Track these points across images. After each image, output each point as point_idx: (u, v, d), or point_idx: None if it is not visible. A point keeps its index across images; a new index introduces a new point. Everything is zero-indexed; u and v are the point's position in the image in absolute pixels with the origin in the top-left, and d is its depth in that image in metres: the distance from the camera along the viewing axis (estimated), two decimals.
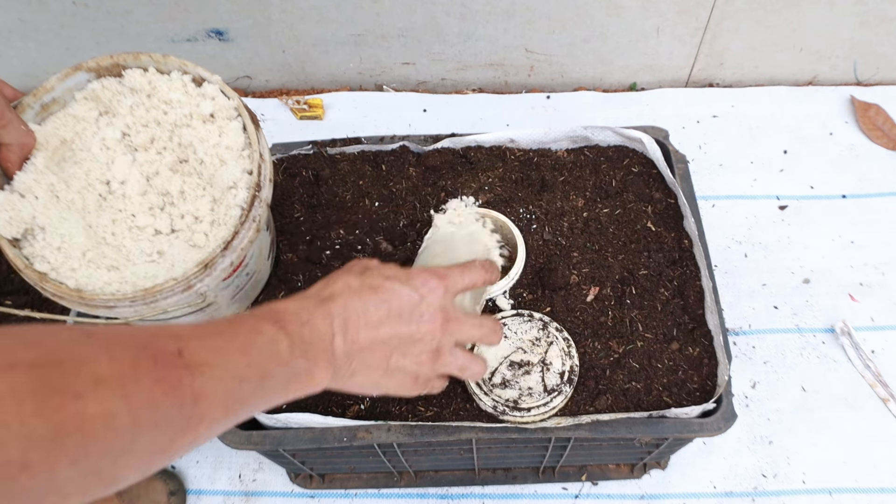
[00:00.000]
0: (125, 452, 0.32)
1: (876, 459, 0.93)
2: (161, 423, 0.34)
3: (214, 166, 0.61)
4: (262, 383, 0.41)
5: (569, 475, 0.92)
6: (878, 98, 1.26)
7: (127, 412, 0.32)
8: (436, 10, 1.17)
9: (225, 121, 0.62)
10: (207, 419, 0.37)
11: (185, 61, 0.63)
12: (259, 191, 0.60)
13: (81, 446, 0.30)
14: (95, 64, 0.62)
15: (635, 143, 0.81)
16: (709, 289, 0.70)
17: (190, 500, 0.94)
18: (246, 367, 0.40)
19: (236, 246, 0.58)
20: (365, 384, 0.50)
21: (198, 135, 0.62)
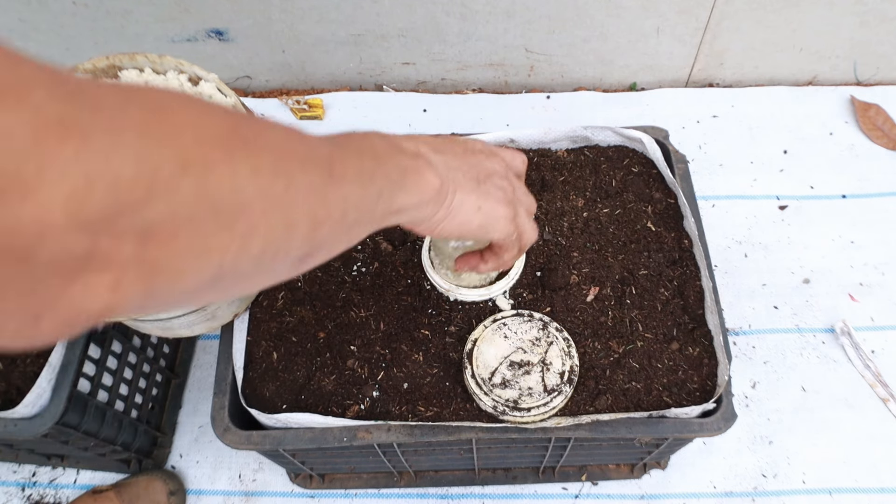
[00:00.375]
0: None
1: (876, 459, 0.93)
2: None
3: None
4: (381, 164, 0.40)
5: (569, 475, 0.92)
6: (878, 98, 1.26)
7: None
8: (436, 10, 1.17)
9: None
10: (348, 180, 0.35)
11: (181, 60, 0.63)
12: None
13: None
14: (91, 65, 0.62)
15: (635, 143, 0.81)
16: (709, 289, 0.70)
17: (190, 500, 0.94)
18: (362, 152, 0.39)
19: None
20: (466, 202, 0.47)
21: None
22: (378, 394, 0.67)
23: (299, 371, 0.69)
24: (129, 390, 0.89)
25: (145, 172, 0.22)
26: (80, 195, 0.20)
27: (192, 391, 1.03)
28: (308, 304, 0.72)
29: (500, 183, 0.50)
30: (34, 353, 0.76)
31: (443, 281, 0.70)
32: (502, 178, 0.51)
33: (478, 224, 0.48)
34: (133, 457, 0.94)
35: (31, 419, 0.72)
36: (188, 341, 1.06)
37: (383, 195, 0.39)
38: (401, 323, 0.70)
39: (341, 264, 0.74)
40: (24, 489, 0.97)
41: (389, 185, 0.40)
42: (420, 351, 0.69)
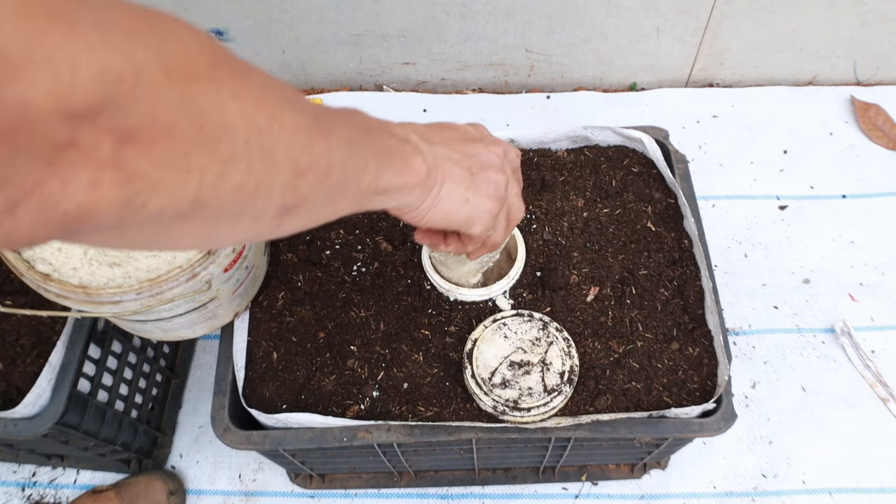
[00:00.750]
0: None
1: (876, 459, 0.93)
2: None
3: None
4: (369, 135, 0.41)
5: (569, 475, 0.92)
6: (878, 98, 1.26)
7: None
8: (436, 10, 1.17)
9: None
10: (334, 136, 0.36)
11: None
12: None
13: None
14: None
15: (635, 143, 0.81)
16: (709, 289, 0.70)
17: (190, 500, 0.94)
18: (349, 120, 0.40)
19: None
20: (454, 193, 0.47)
21: None
22: (378, 394, 0.67)
23: (299, 371, 0.69)
24: (129, 390, 0.89)
25: (130, 70, 0.22)
26: (66, 82, 0.20)
27: (192, 391, 1.03)
28: (308, 304, 0.72)
29: (495, 177, 0.50)
30: (34, 353, 0.76)
31: (443, 281, 0.70)
32: (498, 171, 0.50)
33: (465, 216, 0.48)
34: (133, 457, 0.94)
35: (31, 419, 0.72)
36: (188, 341, 1.06)
37: (369, 167, 0.39)
38: (401, 323, 0.70)
39: (341, 264, 0.74)
40: (24, 489, 0.97)
41: (376, 159, 0.40)
42: (420, 351, 0.69)
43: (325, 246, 0.76)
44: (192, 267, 0.58)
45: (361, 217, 0.78)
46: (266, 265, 0.74)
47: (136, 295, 0.57)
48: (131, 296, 0.57)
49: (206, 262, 0.58)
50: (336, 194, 0.36)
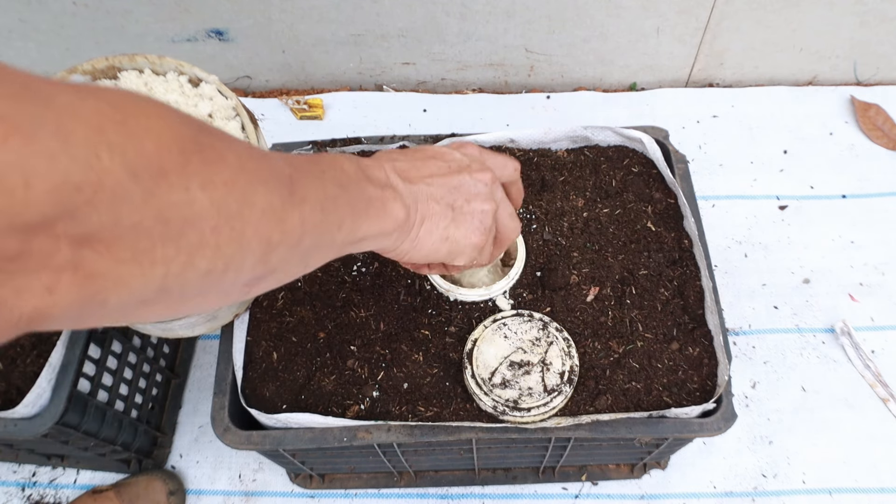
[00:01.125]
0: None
1: (876, 459, 0.93)
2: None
3: None
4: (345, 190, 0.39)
5: (569, 475, 0.92)
6: (878, 98, 1.26)
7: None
8: (436, 10, 1.17)
9: (223, 121, 0.62)
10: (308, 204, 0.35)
11: (181, 62, 0.63)
12: None
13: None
14: (91, 66, 0.62)
15: (635, 143, 0.81)
16: (709, 289, 0.70)
17: (190, 500, 0.94)
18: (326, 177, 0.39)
19: None
20: (434, 232, 0.46)
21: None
22: (378, 394, 0.67)
23: (299, 371, 0.69)
24: (129, 390, 0.89)
25: (92, 177, 0.21)
26: (19, 198, 0.19)
27: (192, 391, 1.03)
28: (308, 304, 0.72)
29: (481, 207, 0.48)
30: (34, 353, 0.76)
31: (443, 281, 0.70)
32: (484, 201, 0.49)
33: (445, 252, 0.48)
34: (133, 457, 0.94)
35: (31, 419, 0.72)
36: (188, 341, 1.06)
37: (345, 224, 0.38)
38: (401, 323, 0.70)
39: (341, 264, 0.74)
40: (24, 489, 0.97)
41: (352, 215, 0.39)
42: (420, 351, 0.69)
43: None
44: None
45: None
46: None
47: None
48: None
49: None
50: (309, 255, 0.36)
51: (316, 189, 0.36)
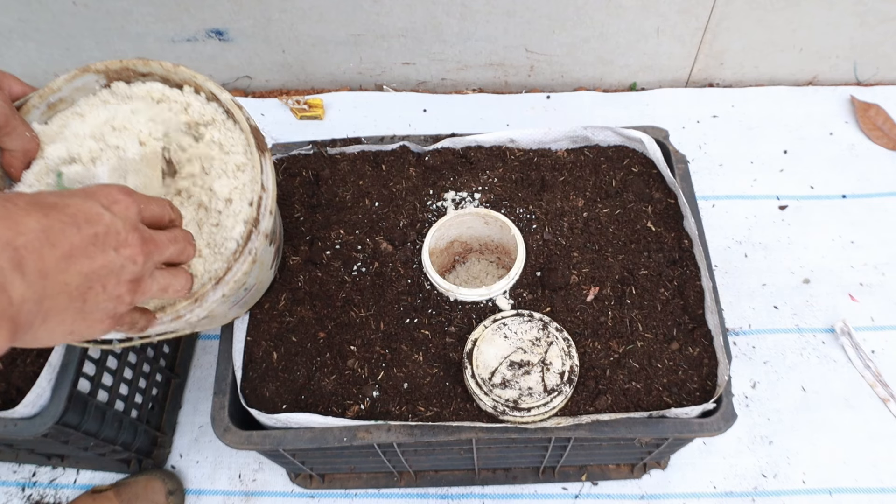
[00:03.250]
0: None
1: (876, 459, 0.93)
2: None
3: (217, 193, 0.59)
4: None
5: (569, 475, 0.92)
6: (878, 98, 1.26)
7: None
8: (436, 10, 1.17)
9: (229, 144, 0.61)
10: None
11: (196, 73, 0.61)
12: (256, 225, 0.58)
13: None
14: (104, 67, 0.60)
15: (635, 143, 0.81)
16: (709, 289, 0.70)
17: (190, 500, 0.94)
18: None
19: (228, 280, 0.57)
20: (56, 332, 0.40)
21: (211, 154, 0.59)
22: (378, 394, 0.67)
23: (299, 371, 0.69)
24: (129, 390, 0.89)
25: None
26: None
27: (192, 391, 1.03)
28: (308, 304, 0.72)
29: (118, 292, 0.42)
30: (34, 353, 0.76)
31: (443, 281, 0.70)
32: (121, 283, 0.42)
33: (74, 339, 0.42)
34: (133, 457, 0.94)
35: (31, 419, 0.72)
36: (188, 341, 1.06)
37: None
38: (401, 323, 0.70)
39: (341, 264, 0.74)
40: (24, 489, 0.97)
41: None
42: (420, 351, 0.69)
43: (325, 246, 0.76)
44: (178, 311, 0.55)
45: (361, 217, 0.78)
46: (273, 276, 0.73)
47: (116, 333, 0.54)
48: (112, 332, 0.54)
49: (193, 306, 0.55)
50: None
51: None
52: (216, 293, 0.56)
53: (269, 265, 0.68)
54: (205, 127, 0.60)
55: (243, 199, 0.59)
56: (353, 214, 0.78)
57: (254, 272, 0.61)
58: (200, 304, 0.56)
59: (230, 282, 0.57)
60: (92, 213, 0.40)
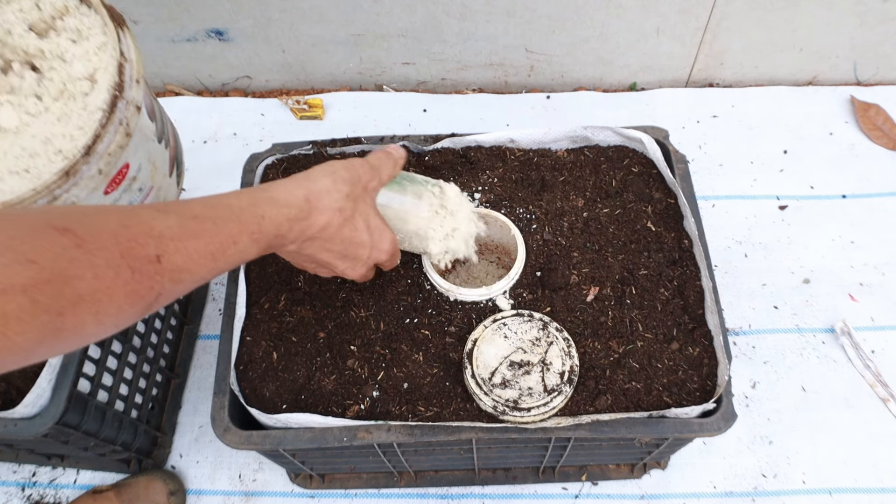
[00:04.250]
0: (83, 340, 0.40)
1: (876, 459, 0.93)
2: (121, 322, 0.41)
3: (77, 77, 0.58)
4: (221, 271, 0.48)
5: (569, 475, 0.92)
6: (878, 98, 1.26)
7: (95, 323, 0.38)
8: (436, 10, 1.17)
9: (86, 28, 0.60)
10: (161, 299, 0.43)
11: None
12: (121, 91, 0.57)
13: (52, 350, 0.37)
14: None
15: (635, 143, 0.81)
16: (709, 289, 0.70)
17: (190, 500, 0.94)
18: (212, 270, 0.46)
19: (101, 151, 0.56)
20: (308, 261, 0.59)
21: (63, 49, 0.59)
22: (378, 394, 0.67)
23: (299, 371, 0.69)
24: (129, 390, 0.89)
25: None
26: None
27: (192, 391, 1.03)
28: (308, 304, 0.72)
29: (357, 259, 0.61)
30: None
31: (443, 281, 0.70)
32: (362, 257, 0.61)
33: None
34: (133, 457, 0.94)
35: (31, 419, 0.72)
36: (188, 341, 1.06)
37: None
38: (401, 323, 0.70)
39: None
40: (24, 489, 0.97)
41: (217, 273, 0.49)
42: (420, 351, 0.69)
43: None
44: (50, 189, 0.54)
45: None
46: (177, 188, 0.71)
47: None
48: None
49: (67, 183, 0.54)
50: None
51: (181, 290, 0.46)
52: (90, 167, 0.55)
53: (166, 171, 0.67)
54: (59, 19, 0.60)
55: (107, 76, 0.58)
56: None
57: (143, 164, 0.60)
58: (75, 179, 0.55)
59: (103, 153, 0.56)
60: (364, 243, 0.60)
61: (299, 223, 0.53)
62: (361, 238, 0.58)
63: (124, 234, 0.40)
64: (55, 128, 0.58)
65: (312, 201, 0.53)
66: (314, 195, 0.54)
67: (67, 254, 0.37)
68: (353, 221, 0.57)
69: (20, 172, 0.57)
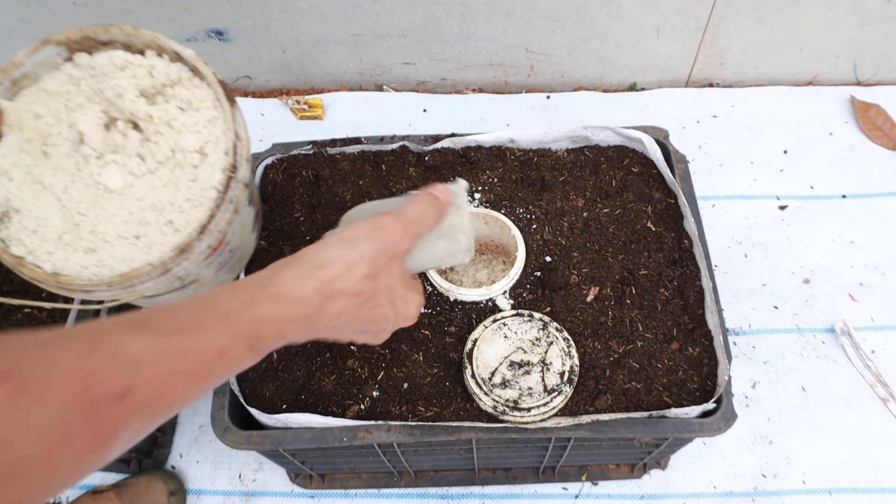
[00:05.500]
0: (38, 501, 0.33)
1: (876, 459, 0.93)
2: (83, 473, 0.34)
3: (192, 146, 0.60)
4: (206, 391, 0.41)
5: (569, 475, 0.92)
6: (878, 98, 1.26)
7: (47, 482, 0.32)
8: (436, 10, 1.17)
9: (198, 100, 0.61)
10: (135, 438, 0.36)
11: (156, 34, 0.61)
12: (234, 171, 0.58)
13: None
14: (65, 38, 0.60)
15: (635, 143, 0.81)
16: (709, 289, 0.70)
17: (190, 500, 0.94)
18: (195, 394, 0.39)
19: (213, 229, 0.57)
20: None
21: (171, 115, 0.60)
22: (378, 394, 0.67)
23: (299, 371, 0.69)
24: None
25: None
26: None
27: None
28: None
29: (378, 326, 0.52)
30: None
31: (443, 281, 0.70)
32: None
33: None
34: (133, 457, 0.94)
35: None
36: None
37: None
38: None
39: None
40: None
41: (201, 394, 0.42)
42: (420, 351, 0.69)
43: None
44: (165, 264, 0.56)
45: None
46: (256, 241, 0.74)
47: (108, 287, 0.56)
48: (103, 288, 0.56)
49: (180, 258, 0.56)
50: None
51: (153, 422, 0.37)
52: (202, 243, 0.57)
53: (250, 228, 0.68)
54: (171, 87, 0.61)
55: (218, 151, 0.59)
56: None
57: (236, 229, 0.62)
58: (187, 254, 0.56)
59: (214, 231, 0.57)
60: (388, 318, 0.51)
61: (307, 321, 0.44)
62: (384, 313, 0.50)
63: (83, 367, 0.33)
64: (162, 194, 0.59)
65: (325, 292, 0.45)
66: (326, 284, 0.45)
67: (2, 410, 0.30)
68: (375, 299, 0.48)
69: (129, 238, 0.58)
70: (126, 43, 0.61)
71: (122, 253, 0.57)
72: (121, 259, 0.57)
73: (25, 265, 0.56)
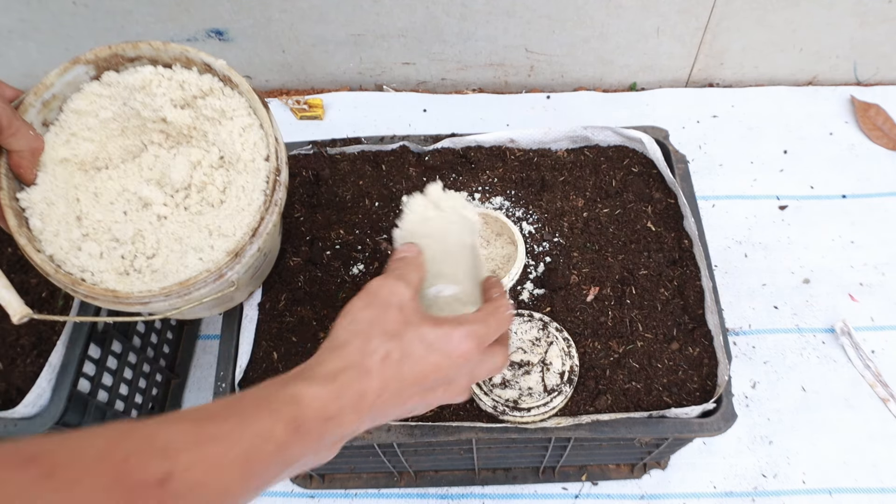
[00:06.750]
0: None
1: (876, 459, 0.93)
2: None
3: (234, 154, 0.61)
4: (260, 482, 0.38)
5: (569, 475, 0.92)
6: (878, 98, 1.26)
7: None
8: (436, 10, 1.17)
9: (231, 109, 0.62)
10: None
11: (186, 48, 0.61)
12: (279, 174, 0.60)
13: None
14: (94, 56, 0.61)
15: (635, 143, 0.81)
16: (709, 289, 0.70)
17: None
18: (241, 481, 0.35)
19: (262, 232, 0.59)
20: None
21: (212, 126, 0.62)
22: None
23: None
24: (129, 390, 0.89)
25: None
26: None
27: (192, 391, 1.03)
28: (308, 304, 0.72)
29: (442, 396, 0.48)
30: (34, 353, 0.76)
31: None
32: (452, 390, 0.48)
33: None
34: None
35: (31, 419, 0.72)
36: (188, 341, 1.06)
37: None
38: None
39: (341, 264, 0.74)
40: None
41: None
42: None
43: (325, 246, 0.76)
44: (220, 269, 0.57)
45: (361, 217, 0.78)
46: (279, 244, 0.75)
47: (165, 297, 0.57)
48: (160, 298, 0.57)
49: (233, 262, 0.58)
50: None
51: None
52: (253, 246, 0.59)
53: (277, 230, 0.70)
54: (202, 99, 0.62)
55: (259, 156, 0.61)
56: (353, 214, 0.78)
57: (270, 232, 0.63)
58: (240, 259, 0.58)
59: (263, 234, 0.59)
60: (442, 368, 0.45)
61: (348, 389, 0.41)
62: (433, 362, 0.45)
63: (116, 453, 0.31)
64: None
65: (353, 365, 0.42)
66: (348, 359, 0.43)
67: (28, 493, 0.28)
68: (409, 355, 0.44)
69: (182, 247, 0.60)
70: (153, 58, 0.62)
71: (178, 262, 0.59)
72: (176, 269, 0.59)
73: (82, 283, 0.57)
